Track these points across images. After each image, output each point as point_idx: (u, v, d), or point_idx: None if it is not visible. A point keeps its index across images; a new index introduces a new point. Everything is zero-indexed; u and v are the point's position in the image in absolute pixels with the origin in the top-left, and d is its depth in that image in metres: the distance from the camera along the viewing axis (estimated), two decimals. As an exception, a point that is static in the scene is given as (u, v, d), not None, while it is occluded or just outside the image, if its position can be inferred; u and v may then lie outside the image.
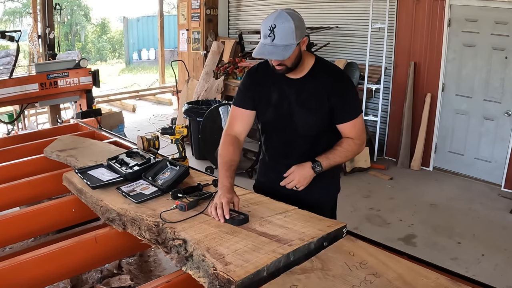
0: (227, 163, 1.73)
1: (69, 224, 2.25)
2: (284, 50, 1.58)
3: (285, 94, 1.78)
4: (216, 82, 6.15)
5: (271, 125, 1.88)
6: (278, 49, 1.57)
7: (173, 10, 16.51)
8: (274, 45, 1.57)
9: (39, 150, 2.69)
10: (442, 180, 4.82)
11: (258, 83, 1.84)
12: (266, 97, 1.81)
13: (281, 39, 1.56)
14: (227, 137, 1.84)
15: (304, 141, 1.83)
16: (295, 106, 1.77)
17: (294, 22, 1.57)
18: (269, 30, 1.57)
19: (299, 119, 1.78)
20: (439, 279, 1.20)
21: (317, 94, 1.74)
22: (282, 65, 1.66)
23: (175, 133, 2.50)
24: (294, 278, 1.21)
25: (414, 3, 4.94)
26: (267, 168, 2.01)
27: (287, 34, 1.57)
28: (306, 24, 1.69)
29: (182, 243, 1.40)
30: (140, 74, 14.20)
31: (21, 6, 16.61)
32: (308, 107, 1.76)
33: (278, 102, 1.79)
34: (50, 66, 4.06)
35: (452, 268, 1.35)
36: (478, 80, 4.62)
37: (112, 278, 2.73)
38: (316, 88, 1.74)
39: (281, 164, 1.85)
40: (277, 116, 1.81)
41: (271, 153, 1.97)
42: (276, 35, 1.56)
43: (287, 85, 1.77)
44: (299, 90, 1.76)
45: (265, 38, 1.58)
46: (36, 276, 1.56)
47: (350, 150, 1.78)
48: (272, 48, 1.58)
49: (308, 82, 1.75)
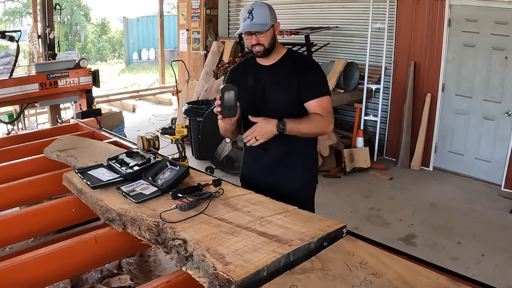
0: None
1: (69, 224, 2.25)
2: (262, 26, 1.85)
3: (259, 78, 2.00)
4: (216, 82, 6.15)
5: (247, 109, 1.97)
6: (257, 26, 1.85)
7: (173, 10, 16.52)
8: (253, 23, 1.85)
9: (39, 150, 2.69)
10: (442, 180, 4.82)
11: (237, 74, 2.09)
12: (243, 84, 2.00)
13: (258, 19, 1.84)
14: None
15: None
16: (267, 86, 1.97)
17: (268, 8, 1.89)
18: (248, 13, 1.85)
19: (272, 98, 1.96)
20: (439, 279, 1.20)
21: (287, 75, 1.95)
22: (260, 44, 1.88)
23: (175, 133, 2.50)
24: (294, 278, 1.21)
25: (414, 3, 4.94)
26: (246, 155, 2.17)
27: (263, 15, 1.86)
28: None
29: (182, 243, 1.40)
30: (140, 74, 14.20)
31: (21, 6, 16.62)
32: (281, 86, 1.96)
33: (253, 86, 2.00)
34: (50, 66, 4.06)
35: (452, 268, 1.35)
36: (478, 80, 4.62)
37: (112, 278, 2.73)
38: (286, 70, 1.96)
39: (258, 147, 1.97)
40: (252, 98, 1.99)
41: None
42: (254, 16, 1.84)
43: (261, 70, 2.00)
44: (272, 73, 1.98)
45: (245, 20, 1.85)
46: (36, 276, 1.56)
47: (316, 122, 1.90)
48: (252, 25, 1.85)
49: (279, 67, 1.98)
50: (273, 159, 2.04)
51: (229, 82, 2.05)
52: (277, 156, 2.03)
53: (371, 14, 5.17)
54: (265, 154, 2.04)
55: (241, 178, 2.22)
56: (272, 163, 2.04)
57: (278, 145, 1.98)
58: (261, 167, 2.07)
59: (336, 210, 3.99)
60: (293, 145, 1.99)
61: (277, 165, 2.04)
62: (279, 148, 2.00)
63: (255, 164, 2.10)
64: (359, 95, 5.42)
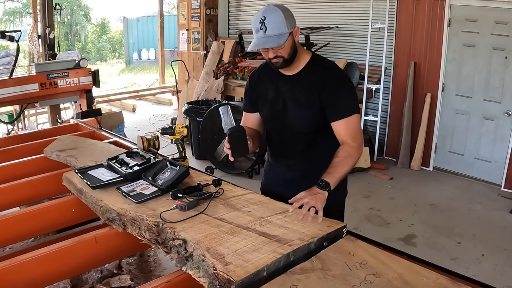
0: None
1: (69, 224, 2.25)
2: (278, 38, 1.60)
3: (280, 90, 1.79)
4: (216, 82, 6.15)
5: (268, 122, 1.89)
6: (272, 38, 1.60)
7: (173, 10, 16.52)
8: (267, 36, 1.60)
9: (39, 150, 2.69)
10: (442, 180, 4.82)
11: (256, 84, 1.88)
12: (264, 95, 1.85)
13: (273, 29, 1.59)
14: None
15: (300, 140, 1.82)
16: (289, 102, 1.77)
17: (283, 12, 1.61)
18: (260, 23, 1.60)
19: (291, 114, 1.77)
20: (439, 279, 1.20)
21: (308, 90, 1.73)
22: (278, 57, 1.66)
23: (175, 133, 2.50)
24: (294, 278, 1.21)
25: (414, 3, 4.94)
26: (268, 168, 2.02)
27: (278, 23, 1.59)
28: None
29: (182, 243, 1.40)
30: (140, 74, 14.20)
31: (21, 6, 16.61)
32: (299, 102, 1.75)
33: (274, 99, 1.81)
34: (50, 66, 4.06)
35: (452, 268, 1.35)
36: (478, 80, 4.62)
37: (112, 278, 2.73)
38: (308, 83, 1.73)
39: (280, 163, 1.87)
40: (273, 112, 1.83)
41: (271, 153, 1.98)
42: (267, 26, 1.59)
43: (283, 81, 1.79)
44: (293, 86, 1.76)
45: (257, 32, 1.61)
46: (36, 276, 1.56)
47: (349, 156, 1.67)
48: (265, 39, 1.60)
49: (302, 78, 1.75)
50: (296, 176, 1.86)
51: (247, 89, 1.92)
52: (299, 174, 1.85)
53: (371, 14, 5.17)
54: (288, 171, 1.88)
55: (263, 189, 2.04)
56: (296, 179, 1.85)
57: (302, 162, 1.83)
58: (284, 182, 1.88)
59: (336, 210, 3.99)
60: (318, 162, 1.75)
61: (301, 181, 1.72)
62: (303, 165, 1.84)
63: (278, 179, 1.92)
64: (359, 95, 5.41)
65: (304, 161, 1.81)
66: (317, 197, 1.52)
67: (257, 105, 1.89)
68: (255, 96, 1.88)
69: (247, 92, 1.93)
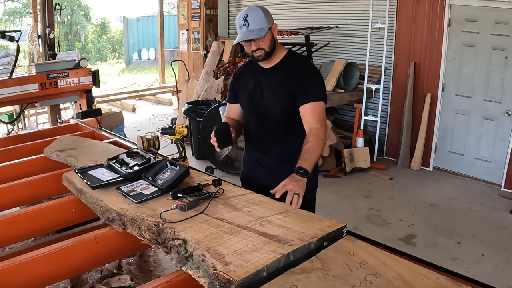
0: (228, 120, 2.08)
1: (69, 224, 2.25)
2: (259, 32, 1.83)
3: (259, 81, 2.01)
4: (216, 82, 6.15)
5: (247, 110, 2.09)
6: (254, 32, 1.83)
7: (173, 10, 16.52)
8: (249, 30, 1.83)
9: (39, 150, 2.69)
10: (442, 180, 4.82)
11: (239, 77, 2.11)
12: (244, 86, 2.07)
13: (254, 24, 1.83)
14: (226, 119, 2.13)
15: (274, 126, 2.01)
16: (265, 91, 1.99)
17: (262, 10, 1.86)
18: (243, 20, 1.83)
19: (267, 101, 1.98)
20: (439, 279, 1.20)
21: (282, 79, 1.95)
22: (260, 49, 1.88)
23: (175, 133, 2.50)
24: (294, 278, 1.21)
25: (414, 3, 4.94)
26: (246, 156, 2.20)
27: (259, 19, 1.84)
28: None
29: (182, 243, 1.40)
30: (140, 74, 14.20)
31: (21, 6, 16.62)
32: (274, 89, 1.97)
33: (252, 88, 2.03)
34: (50, 66, 4.05)
35: (452, 268, 1.35)
36: (478, 80, 4.62)
37: (112, 278, 2.73)
38: (283, 74, 1.95)
39: (257, 150, 2.09)
40: (251, 100, 2.04)
41: (248, 140, 2.17)
42: (249, 22, 1.82)
43: (261, 73, 2.01)
44: (270, 77, 1.98)
45: (241, 27, 1.84)
46: (36, 276, 1.56)
47: (319, 140, 1.85)
48: (248, 32, 1.84)
49: (277, 70, 1.98)
50: (271, 162, 2.05)
51: (232, 82, 2.14)
52: (275, 160, 2.04)
53: (371, 14, 5.17)
54: (263, 157, 2.08)
55: (242, 178, 2.25)
56: (271, 166, 2.05)
57: (276, 149, 2.02)
58: (261, 169, 2.09)
59: (336, 210, 3.99)
60: (292, 149, 1.92)
61: (276, 169, 1.97)
62: (277, 152, 2.03)
63: (254, 166, 2.13)
64: (359, 95, 5.42)
65: (278, 146, 2.01)
66: (298, 184, 1.67)
67: (238, 95, 2.11)
68: (237, 88, 2.10)
69: (231, 85, 2.15)
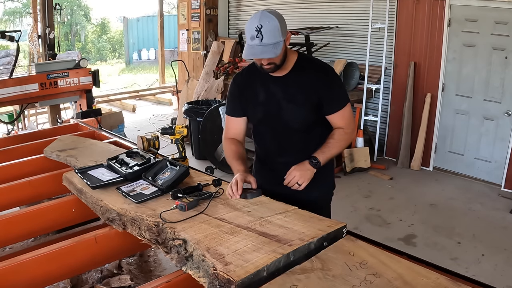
0: (235, 156, 1.86)
1: (69, 224, 2.25)
2: (274, 48, 1.62)
3: (272, 92, 1.82)
4: (216, 82, 6.15)
5: (262, 124, 1.92)
6: (268, 48, 1.62)
7: (173, 10, 16.52)
8: (263, 44, 1.61)
9: (39, 150, 2.69)
10: (442, 180, 4.82)
11: (244, 87, 1.89)
12: (254, 98, 1.86)
13: (269, 37, 1.61)
14: (227, 141, 1.95)
15: (296, 137, 1.87)
16: (283, 103, 1.81)
17: (278, 19, 1.63)
18: (256, 31, 1.60)
19: (288, 114, 1.82)
20: (439, 279, 1.20)
21: (303, 89, 1.78)
22: (271, 63, 1.70)
23: (175, 133, 2.50)
24: (294, 278, 1.21)
25: (414, 3, 4.94)
26: (263, 170, 2.03)
27: (274, 32, 1.61)
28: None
29: (182, 243, 1.40)
30: (140, 74, 14.19)
31: (21, 6, 16.61)
32: (296, 101, 1.80)
33: (266, 100, 1.84)
34: (50, 66, 4.06)
35: (452, 268, 1.35)
36: (478, 80, 4.62)
37: (112, 278, 2.73)
38: (302, 83, 1.78)
39: (277, 163, 1.90)
40: (267, 114, 1.86)
41: (266, 153, 2.00)
42: (264, 35, 1.60)
43: (273, 82, 1.81)
44: (286, 87, 1.80)
45: (253, 39, 1.62)
46: (36, 276, 1.56)
47: (343, 139, 1.83)
48: (262, 47, 1.62)
49: (293, 78, 1.79)
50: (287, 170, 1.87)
51: (235, 93, 1.91)
52: None
53: (371, 14, 5.17)
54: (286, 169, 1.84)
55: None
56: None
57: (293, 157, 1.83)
58: (276, 178, 1.87)
59: (336, 210, 3.97)
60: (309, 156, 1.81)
61: None
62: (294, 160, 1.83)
63: (270, 175, 1.94)
64: (359, 95, 5.42)
65: (301, 157, 1.81)
66: (305, 174, 1.72)
67: (246, 109, 1.91)
68: (244, 100, 1.89)
69: (234, 96, 1.92)
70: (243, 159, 1.84)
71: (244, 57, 1.67)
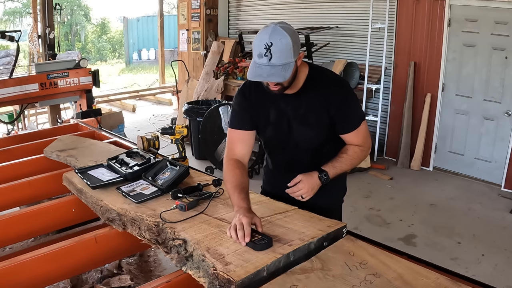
0: (238, 186, 1.59)
1: (69, 224, 2.25)
2: (284, 70, 1.45)
3: (283, 111, 1.69)
4: (216, 82, 6.15)
5: (272, 143, 1.82)
6: (277, 69, 1.44)
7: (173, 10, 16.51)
8: (271, 65, 1.43)
9: (39, 150, 2.69)
10: (442, 180, 4.82)
11: (255, 102, 1.72)
12: (265, 116, 1.72)
13: (279, 58, 1.43)
14: (230, 162, 1.70)
15: (307, 155, 1.76)
16: (294, 123, 1.69)
17: (291, 37, 1.44)
18: (265, 48, 1.42)
19: (299, 135, 1.71)
20: (439, 279, 1.20)
21: (315, 108, 1.65)
22: (279, 84, 1.54)
23: (175, 133, 2.50)
24: (294, 278, 1.21)
25: (414, 3, 4.94)
26: (273, 179, 1.95)
27: (285, 51, 1.43)
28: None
29: (182, 243, 1.40)
30: (140, 74, 14.20)
31: (21, 6, 16.62)
32: (308, 122, 1.67)
33: (277, 120, 1.71)
34: (50, 66, 4.06)
35: (452, 268, 1.35)
36: (478, 80, 4.62)
37: (112, 278, 2.73)
38: (313, 101, 1.65)
39: (287, 177, 1.73)
40: (277, 133, 1.74)
41: (275, 167, 1.91)
42: (273, 54, 1.42)
43: (284, 101, 1.67)
44: (297, 106, 1.67)
45: (260, 57, 1.44)
46: (36, 276, 1.56)
47: (356, 157, 1.71)
48: (270, 68, 1.44)
49: (304, 96, 1.65)
50: None
51: (243, 105, 1.73)
52: None
53: (371, 14, 5.17)
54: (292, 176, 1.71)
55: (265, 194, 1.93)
56: None
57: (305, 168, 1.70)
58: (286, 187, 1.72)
59: (336, 210, 3.99)
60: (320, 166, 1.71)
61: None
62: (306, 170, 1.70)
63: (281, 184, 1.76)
64: (359, 95, 5.41)
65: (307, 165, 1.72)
66: (312, 189, 1.63)
67: (257, 124, 1.75)
68: (255, 114, 1.72)
69: (243, 107, 1.73)
70: (247, 193, 1.59)
71: (249, 77, 1.49)
